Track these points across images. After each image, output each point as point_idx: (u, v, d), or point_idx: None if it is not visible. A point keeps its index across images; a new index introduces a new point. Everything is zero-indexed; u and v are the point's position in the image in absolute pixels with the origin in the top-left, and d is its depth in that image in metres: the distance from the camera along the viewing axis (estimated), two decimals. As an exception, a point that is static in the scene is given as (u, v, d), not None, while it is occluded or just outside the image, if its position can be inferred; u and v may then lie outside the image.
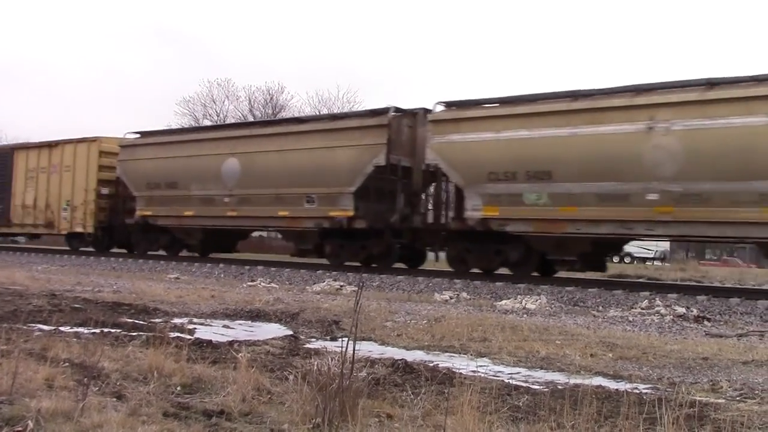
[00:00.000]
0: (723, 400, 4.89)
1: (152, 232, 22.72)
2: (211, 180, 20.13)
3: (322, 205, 17.79)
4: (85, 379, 4.43)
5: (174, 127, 48.97)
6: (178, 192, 21.16)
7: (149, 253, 23.86)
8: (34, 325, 7.24)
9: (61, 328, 6.88)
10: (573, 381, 5.41)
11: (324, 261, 19.32)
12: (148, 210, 22.10)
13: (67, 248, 26.18)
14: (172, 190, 21.33)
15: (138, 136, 23.63)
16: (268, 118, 20.45)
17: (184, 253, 23.19)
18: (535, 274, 16.07)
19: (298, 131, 18.91)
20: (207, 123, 54.23)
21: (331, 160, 17.48)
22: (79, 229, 23.99)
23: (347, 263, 18.39)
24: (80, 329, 7.00)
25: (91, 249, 24.82)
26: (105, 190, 23.66)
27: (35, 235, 28.00)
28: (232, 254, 23.33)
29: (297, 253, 19.50)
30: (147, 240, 23.24)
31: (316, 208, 17.98)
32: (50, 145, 25.28)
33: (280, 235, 24.48)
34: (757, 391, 5.21)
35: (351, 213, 17.21)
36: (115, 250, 25.65)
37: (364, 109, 17.19)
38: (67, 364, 5.11)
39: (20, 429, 3.54)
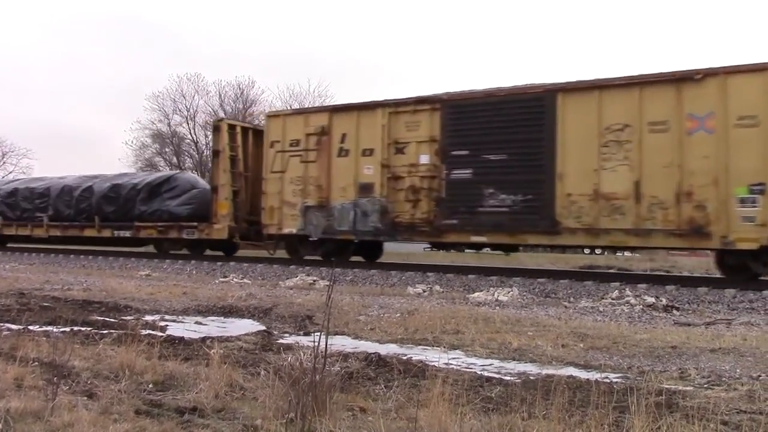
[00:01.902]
0: (691, 388, 4.97)
1: None
2: None
3: None
4: (55, 378, 4.38)
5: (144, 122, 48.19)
6: None
7: (107, 249, 22.77)
8: (2, 324, 7.14)
9: (30, 327, 6.80)
10: (545, 371, 5.47)
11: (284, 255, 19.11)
12: None
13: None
14: None
15: None
16: None
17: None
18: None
19: None
20: (177, 118, 53.68)
21: None
22: None
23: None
24: (50, 328, 6.92)
25: (54, 247, 22.84)
26: None
27: (642, 248, 15.69)
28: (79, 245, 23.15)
29: None
30: None
31: None
32: (680, 80, 13.17)
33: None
34: (724, 378, 5.31)
35: None
36: (78, 246, 24.90)
37: None
38: (36, 363, 5.06)
39: (-11, 430, 3.49)
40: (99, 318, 8.10)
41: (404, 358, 5.90)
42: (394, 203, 16.06)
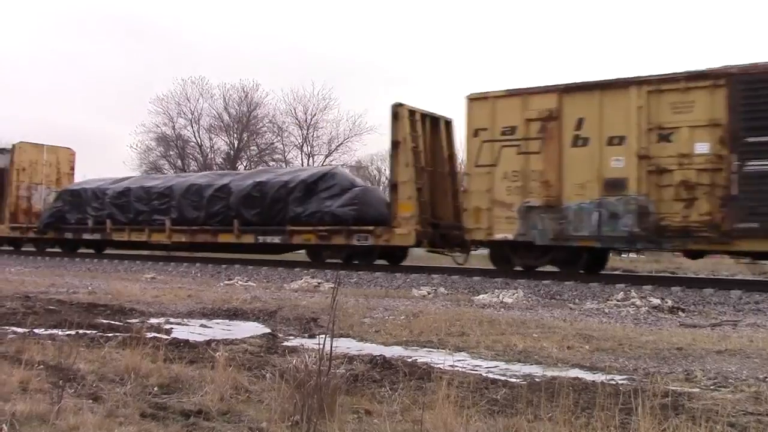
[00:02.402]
0: (697, 389, 4.96)
1: None
2: None
3: None
4: (61, 381, 4.39)
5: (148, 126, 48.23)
6: None
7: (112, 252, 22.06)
8: (7, 327, 7.16)
9: (36, 331, 6.80)
10: (550, 373, 5.46)
11: (299, 258, 18.93)
12: None
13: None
14: None
15: None
16: None
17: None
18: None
19: None
20: (181, 121, 53.74)
21: None
22: None
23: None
24: (55, 331, 6.93)
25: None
26: None
27: None
28: (208, 253, 21.07)
29: None
30: None
31: None
32: None
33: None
34: (730, 380, 5.29)
35: None
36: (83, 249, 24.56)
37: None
38: (42, 366, 5.06)
39: (-5, 433, 3.50)
40: (104, 321, 8.11)
41: (409, 360, 5.89)
42: (657, 202, 13.06)
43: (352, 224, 17.22)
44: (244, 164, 53.21)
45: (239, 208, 19.11)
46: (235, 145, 55.11)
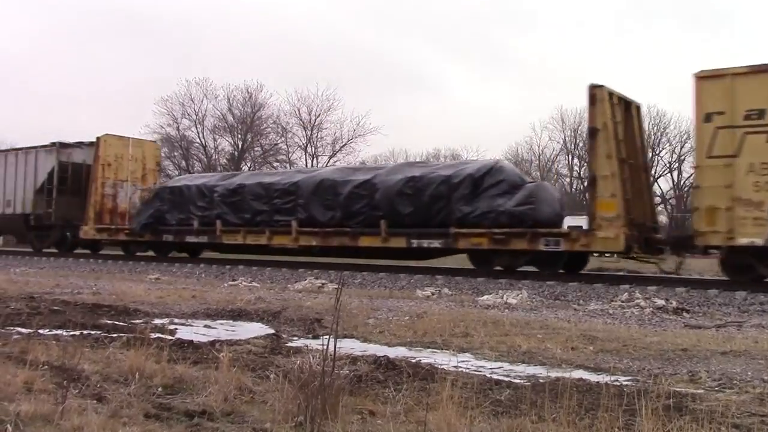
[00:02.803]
0: (702, 391, 4.95)
1: None
2: None
3: None
4: (65, 381, 4.40)
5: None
6: None
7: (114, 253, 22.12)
8: (12, 328, 7.17)
9: (40, 331, 6.81)
10: (554, 374, 5.45)
11: (303, 259, 18.94)
12: None
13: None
14: None
15: None
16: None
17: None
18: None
19: None
20: (185, 122, 53.85)
21: None
22: None
23: None
24: (60, 332, 6.94)
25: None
26: None
27: None
28: (212, 254, 20.70)
29: None
30: None
31: None
32: None
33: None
34: (735, 381, 5.28)
35: None
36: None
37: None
38: (46, 367, 5.06)
39: (-1, 433, 3.51)
40: (108, 321, 8.12)
41: (413, 361, 5.89)
42: None
43: (530, 225, 14.83)
44: (248, 165, 53.33)
45: (388, 207, 16.49)
46: (239, 146, 55.25)
